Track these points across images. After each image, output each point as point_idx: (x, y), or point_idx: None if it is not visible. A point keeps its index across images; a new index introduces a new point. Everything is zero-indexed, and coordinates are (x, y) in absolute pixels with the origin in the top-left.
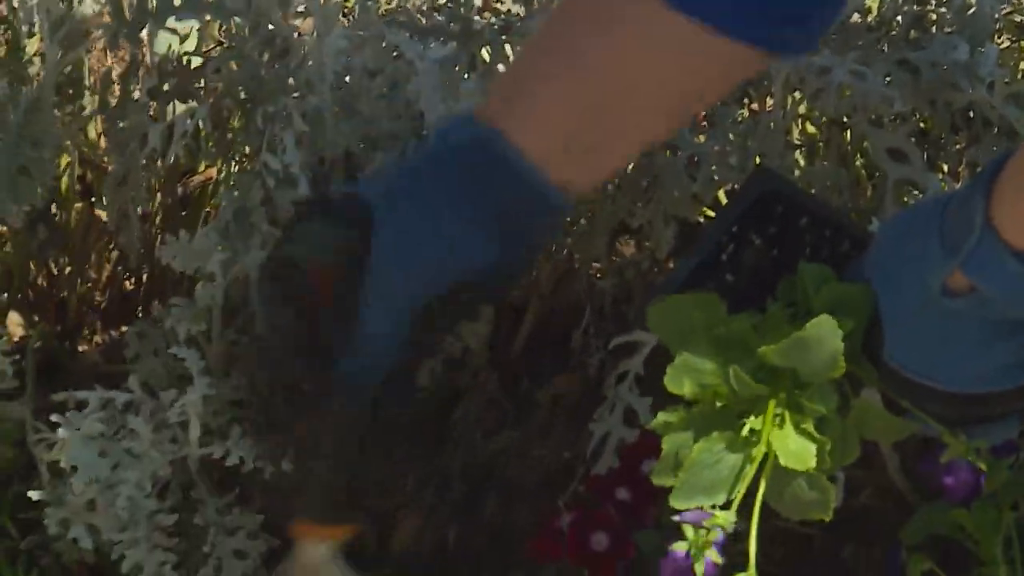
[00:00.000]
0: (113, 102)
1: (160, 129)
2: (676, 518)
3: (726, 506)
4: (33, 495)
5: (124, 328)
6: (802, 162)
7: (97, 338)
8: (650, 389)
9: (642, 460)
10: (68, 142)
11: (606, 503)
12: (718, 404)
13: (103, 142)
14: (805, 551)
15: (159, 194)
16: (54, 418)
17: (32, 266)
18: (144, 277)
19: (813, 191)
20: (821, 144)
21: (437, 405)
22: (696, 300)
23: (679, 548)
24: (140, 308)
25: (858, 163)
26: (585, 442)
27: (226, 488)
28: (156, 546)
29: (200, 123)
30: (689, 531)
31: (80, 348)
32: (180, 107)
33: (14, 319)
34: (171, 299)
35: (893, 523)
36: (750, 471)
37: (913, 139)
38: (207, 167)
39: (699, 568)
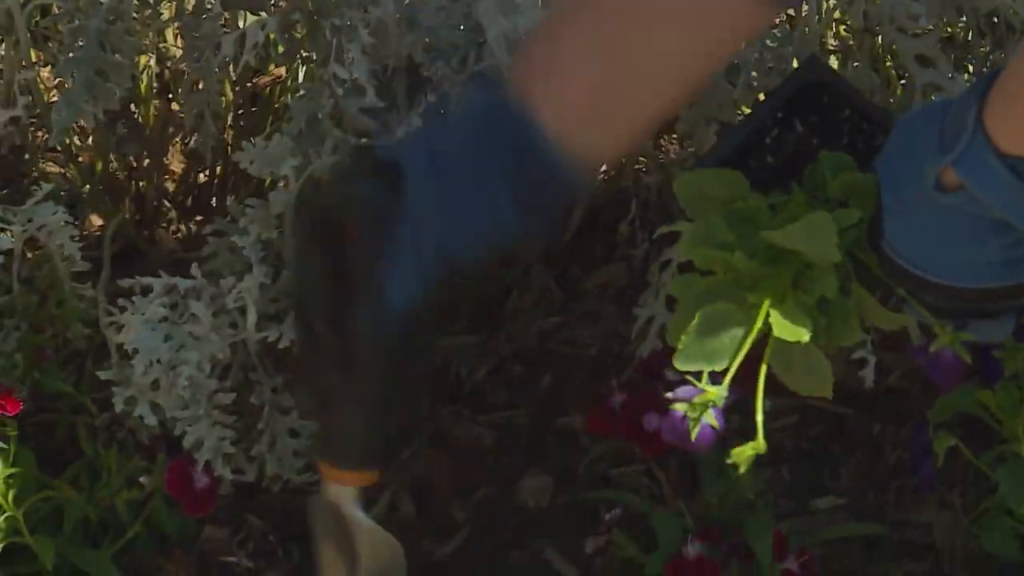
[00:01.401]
0: (189, 11)
1: (233, 38)
2: (669, 395)
3: (726, 373)
4: (102, 375)
5: (198, 218)
6: (836, 65)
7: (173, 228)
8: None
9: None
10: (147, 43)
11: (656, 384)
12: (727, 275)
13: (180, 43)
14: (837, 430)
15: (232, 95)
16: (122, 302)
17: (112, 159)
18: (217, 171)
19: None
20: (855, 49)
21: (491, 295)
22: (719, 175)
23: (677, 409)
24: (213, 200)
25: (888, 66)
26: (630, 326)
27: (281, 370)
28: (216, 423)
29: (271, 33)
30: (682, 395)
31: (157, 237)
32: (251, 18)
33: (94, 210)
34: (246, 199)
35: (920, 403)
36: (748, 342)
37: (939, 45)
38: (275, 68)
39: (694, 431)
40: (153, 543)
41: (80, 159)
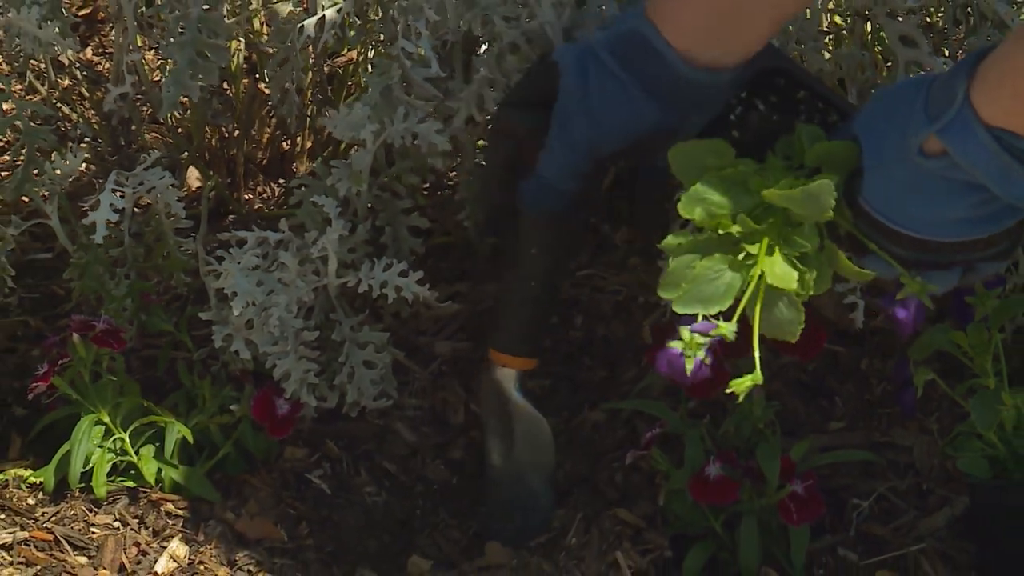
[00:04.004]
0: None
1: (313, 21)
2: (685, 328)
3: (722, 317)
4: (203, 316)
5: (281, 180)
6: (831, 46)
7: (259, 188)
8: None
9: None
10: (237, 28)
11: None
12: (721, 232)
13: (266, 30)
14: (832, 364)
15: (311, 72)
16: (220, 253)
17: (207, 130)
18: (298, 140)
19: (841, 68)
20: (846, 32)
21: None
22: (709, 145)
23: (674, 347)
24: (295, 165)
25: (876, 48)
26: (653, 276)
27: (358, 310)
28: (302, 357)
29: (346, 16)
30: (685, 333)
31: (245, 196)
32: (329, 3)
33: (192, 173)
34: (331, 162)
35: (902, 342)
36: (745, 286)
37: (921, 29)
38: (349, 50)
39: (689, 364)
40: (241, 461)
41: (180, 130)
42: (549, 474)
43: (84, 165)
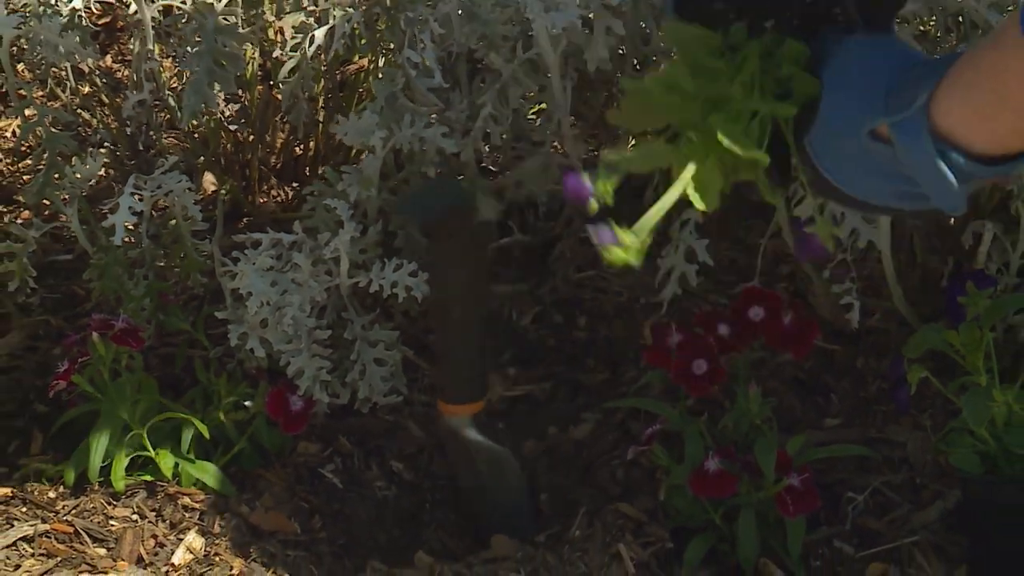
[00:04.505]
0: (287, 9)
1: (324, 30)
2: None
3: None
4: (219, 315)
5: (294, 184)
6: None
7: (273, 192)
8: (706, 233)
9: (749, 307)
10: (251, 37)
11: (707, 337)
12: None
13: (279, 39)
14: (828, 362)
15: (322, 80)
16: (235, 254)
17: (223, 135)
18: (310, 145)
19: None
20: None
21: (538, 246)
22: (697, 33)
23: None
24: (307, 169)
25: None
26: (654, 276)
27: (369, 309)
28: (315, 355)
29: (355, 25)
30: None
31: (260, 200)
32: (339, 13)
33: (208, 177)
34: (342, 167)
35: (897, 340)
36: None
37: (915, 37)
38: (359, 58)
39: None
40: (256, 456)
41: (196, 135)
42: (519, 492)
43: (103, 169)
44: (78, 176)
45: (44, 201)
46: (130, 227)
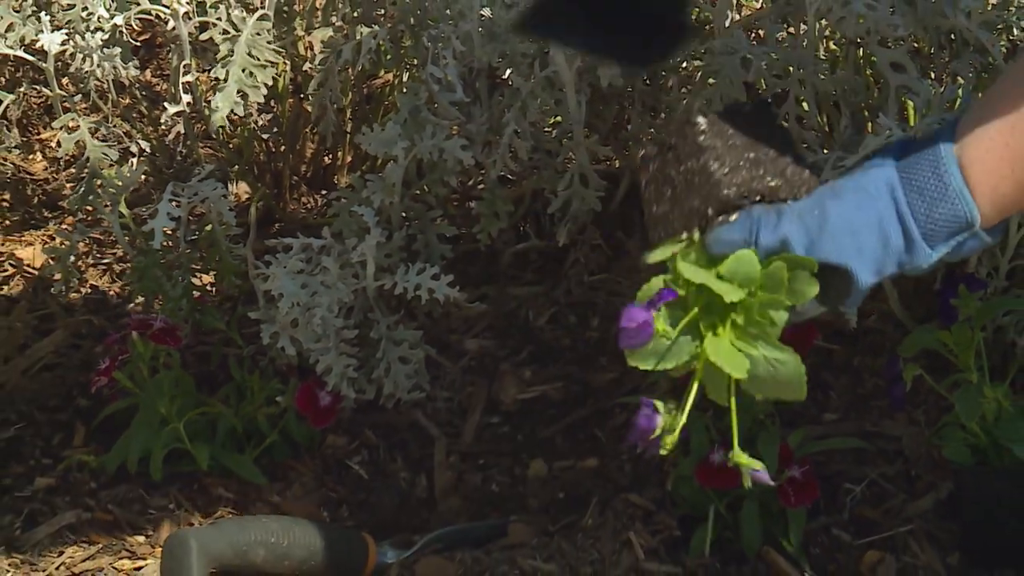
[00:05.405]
0: (316, 25)
1: (351, 46)
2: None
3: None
4: (252, 315)
5: (323, 192)
6: (827, 71)
7: (303, 199)
8: None
9: None
10: (283, 51)
11: None
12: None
13: (309, 54)
14: (827, 360)
15: (350, 93)
16: (267, 258)
17: (256, 145)
18: (338, 155)
19: (836, 91)
20: (841, 58)
21: (554, 250)
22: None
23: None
24: (335, 178)
25: (868, 72)
26: None
27: (394, 310)
28: (342, 353)
29: (381, 42)
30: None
31: (290, 206)
32: (365, 30)
33: (242, 185)
34: (366, 175)
35: (892, 340)
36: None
37: (909, 55)
38: (385, 73)
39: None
40: (286, 449)
41: (231, 145)
42: None
43: (143, 177)
44: (119, 184)
45: (87, 208)
46: (168, 232)
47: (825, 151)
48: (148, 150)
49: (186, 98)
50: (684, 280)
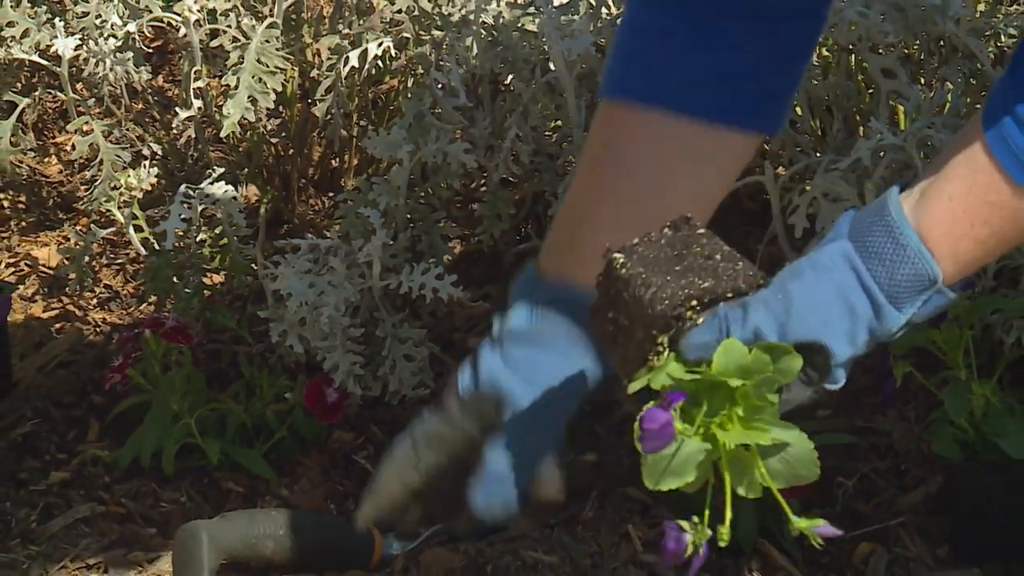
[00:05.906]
0: (324, 32)
1: (358, 52)
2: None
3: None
4: (261, 313)
5: (331, 194)
6: (818, 78)
7: (311, 201)
8: None
9: None
10: (291, 58)
11: None
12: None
13: (316, 60)
14: None
15: (356, 99)
16: (276, 258)
17: (264, 149)
18: (345, 158)
19: (828, 96)
20: (833, 64)
21: None
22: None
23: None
24: (342, 180)
25: (860, 78)
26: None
27: (399, 309)
28: (349, 351)
29: (387, 48)
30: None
31: (298, 208)
32: (371, 36)
33: (251, 188)
34: (372, 178)
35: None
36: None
37: (899, 61)
38: (390, 78)
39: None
40: (294, 444)
41: (240, 149)
42: None
43: (155, 180)
44: (132, 186)
45: (101, 209)
46: (180, 233)
47: (818, 155)
48: (160, 153)
49: (197, 103)
50: (679, 381)
